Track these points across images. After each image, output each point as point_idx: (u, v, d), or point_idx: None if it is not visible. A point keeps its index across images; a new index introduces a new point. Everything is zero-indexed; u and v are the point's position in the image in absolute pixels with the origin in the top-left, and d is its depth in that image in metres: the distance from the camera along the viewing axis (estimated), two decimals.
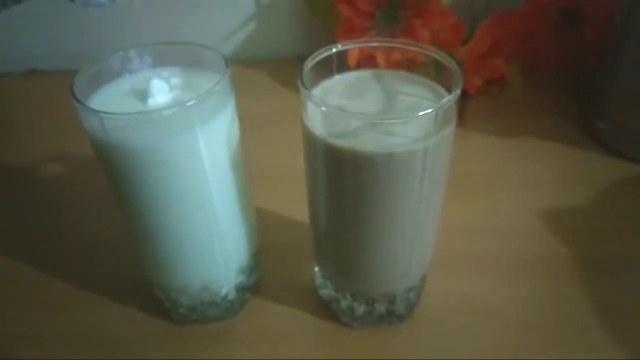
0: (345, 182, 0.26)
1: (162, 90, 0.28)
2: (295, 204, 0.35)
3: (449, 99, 0.25)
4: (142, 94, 0.28)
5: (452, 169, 0.31)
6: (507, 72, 0.55)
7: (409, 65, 0.30)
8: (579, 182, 0.45)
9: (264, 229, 0.37)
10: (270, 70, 0.61)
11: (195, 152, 0.26)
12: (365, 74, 0.30)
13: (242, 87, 0.59)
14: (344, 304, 0.33)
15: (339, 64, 0.30)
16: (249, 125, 0.43)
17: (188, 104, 0.25)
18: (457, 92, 0.25)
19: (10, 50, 0.64)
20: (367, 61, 0.31)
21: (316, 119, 0.26)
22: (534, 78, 0.55)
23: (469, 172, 0.46)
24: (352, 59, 0.32)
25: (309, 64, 0.27)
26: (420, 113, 0.24)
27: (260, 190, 0.37)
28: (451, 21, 0.50)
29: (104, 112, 0.24)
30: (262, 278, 0.37)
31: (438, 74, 0.28)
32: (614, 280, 0.36)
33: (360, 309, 0.33)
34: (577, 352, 0.32)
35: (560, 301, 0.35)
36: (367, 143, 0.25)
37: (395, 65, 0.30)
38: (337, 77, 0.29)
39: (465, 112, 0.53)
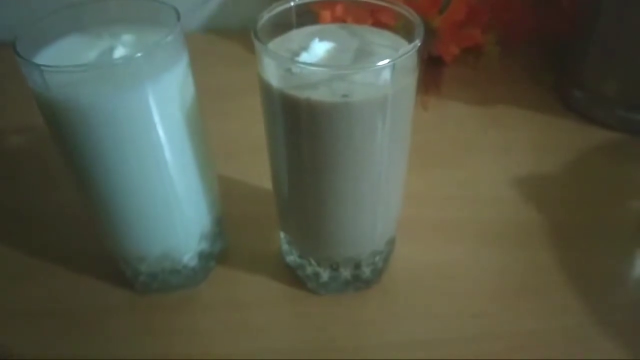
0: (302, 137, 0.25)
1: (109, 46, 0.26)
2: (264, 173, 0.34)
3: (408, 49, 0.23)
4: (92, 51, 0.26)
5: (427, 136, 0.30)
6: (484, 41, 0.54)
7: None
8: (553, 149, 0.45)
9: (231, 198, 0.36)
10: (244, 40, 0.59)
11: (145, 109, 0.25)
12: (327, 27, 0.29)
13: (216, 57, 0.58)
14: (309, 270, 0.32)
15: (300, 20, 0.28)
16: (223, 95, 0.41)
17: (135, 56, 0.24)
18: (417, 42, 0.24)
19: None
20: None
21: (271, 72, 0.25)
22: (510, 47, 0.55)
23: (444, 140, 0.46)
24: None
25: (265, 16, 0.26)
26: (378, 63, 0.23)
27: (231, 160, 0.36)
28: None
29: (45, 66, 0.23)
30: (228, 247, 0.36)
31: (408, 37, 0.27)
32: (585, 246, 0.36)
33: (325, 275, 0.32)
34: (547, 317, 0.32)
35: (531, 267, 0.35)
36: (323, 94, 0.24)
37: None
38: (296, 31, 0.28)
39: (441, 81, 0.53)
